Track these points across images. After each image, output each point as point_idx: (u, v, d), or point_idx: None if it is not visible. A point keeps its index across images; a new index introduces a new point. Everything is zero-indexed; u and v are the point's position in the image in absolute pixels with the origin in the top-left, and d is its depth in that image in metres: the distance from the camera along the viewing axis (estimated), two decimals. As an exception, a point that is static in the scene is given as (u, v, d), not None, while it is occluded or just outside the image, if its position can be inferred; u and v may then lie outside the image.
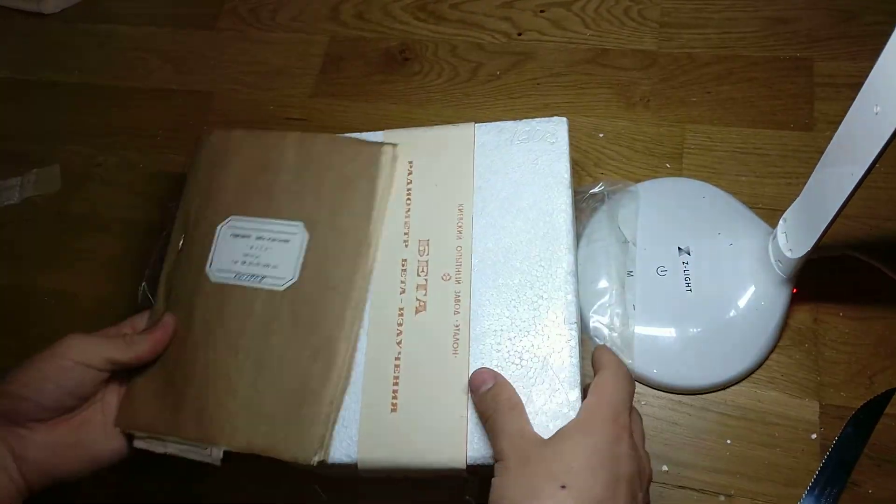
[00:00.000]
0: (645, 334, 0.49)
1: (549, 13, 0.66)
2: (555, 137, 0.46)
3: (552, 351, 0.40)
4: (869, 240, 0.52)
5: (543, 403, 0.39)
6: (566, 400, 0.39)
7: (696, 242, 0.51)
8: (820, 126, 0.57)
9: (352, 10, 0.70)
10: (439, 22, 0.68)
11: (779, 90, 0.59)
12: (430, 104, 0.63)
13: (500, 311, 0.42)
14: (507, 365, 0.40)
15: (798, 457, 0.46)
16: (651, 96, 0.60)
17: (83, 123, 0.68)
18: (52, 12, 0.75)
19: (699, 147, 0.58)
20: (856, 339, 0.49)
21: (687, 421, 0.48)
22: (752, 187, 0.55)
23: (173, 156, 0.64)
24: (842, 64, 0.59)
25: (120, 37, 0.72)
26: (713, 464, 0.47)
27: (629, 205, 0.53)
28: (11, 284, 0.61)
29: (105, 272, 0.60)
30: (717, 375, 0.48)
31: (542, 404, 0.39)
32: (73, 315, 0.58)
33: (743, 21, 0.62)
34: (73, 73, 0.71)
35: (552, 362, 0.40)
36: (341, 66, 0.67)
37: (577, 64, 0.63)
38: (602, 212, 0.53)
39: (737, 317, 0.49)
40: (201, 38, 0.71)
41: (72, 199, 0.64)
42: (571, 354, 0.40)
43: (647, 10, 0.65)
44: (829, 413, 0.47)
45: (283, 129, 0.64)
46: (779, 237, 0.46)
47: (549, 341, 0.41)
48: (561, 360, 0.40)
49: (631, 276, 0.51)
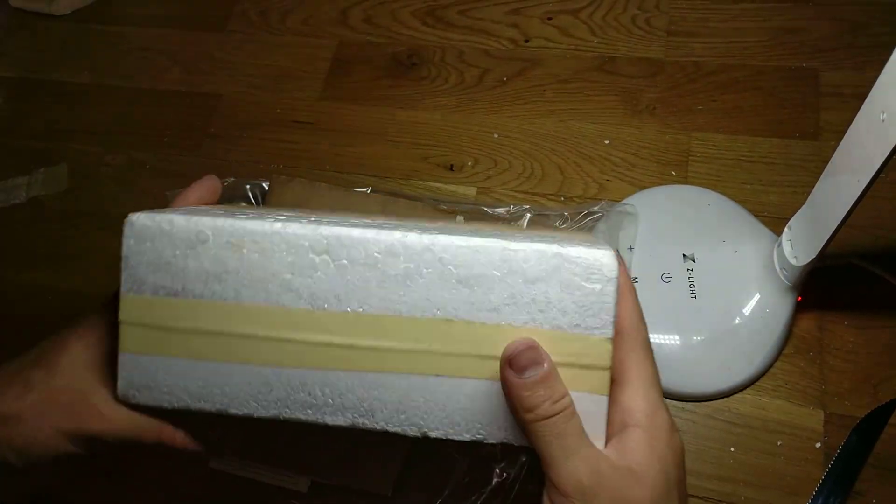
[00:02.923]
0: (649, 340, 0.49)
1: (557, 20, 0.67)
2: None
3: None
4: (874, 249, 0.52)
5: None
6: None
7: (701, 250, 0.51)
8: (825, 135, 0.57)
9: (360, 14, 0.70)
10: (447, 28, 0.68)
11: (785, 99, 0.59)
12: (437, 109, 0.64)
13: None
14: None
15: (802, 465, 0.46)
16: (657, 104, 0.61)
17: (92, 123, 0.68)
18: (64, 13, 0.75)
19: (705, 155, 0.58)
20: (861, 348, 0.49)
21: (691, 428, 0.48)
22: (757, 195, 0.55)
23: (180, 156, 0.65)
24: (848, 74, 0.59)
25: (130, 38, 0.73)
26: (717, 471, 0.47)
27: (627, 227, 0.53)
28: (16, 282, 0.61)
29: (111, 272, 0.60)
30: (721, 383, 0.48)
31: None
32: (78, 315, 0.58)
33: (750, 31, 0.63)
34: (83, 74, 0.71)
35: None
36: (349, 71, 0.67)
37: (583, 71, 0.63)
38: (599, 232, 0.53)
39: (741, 324, 0.49)
40: (211, 41, 0.71)
41: (79, 199, 0.64)
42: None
43: (655, 18, 0.65)
44: (834, 422, 0.47)
45: (289, 131, 0.64)
46: (784, 245, 0.46)
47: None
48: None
49: (636, 283, 0.51)
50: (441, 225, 0.34)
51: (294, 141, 0.64)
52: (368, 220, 0.34)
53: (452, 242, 0.30)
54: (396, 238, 0.31)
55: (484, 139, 0.61)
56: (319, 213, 0.38)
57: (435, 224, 0.35)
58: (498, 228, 0.37)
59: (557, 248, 0.30)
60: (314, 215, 0.35)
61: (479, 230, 0.33)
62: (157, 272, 0.33)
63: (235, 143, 0.65)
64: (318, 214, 0.36)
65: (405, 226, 0.32)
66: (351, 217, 0.35)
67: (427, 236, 0.30)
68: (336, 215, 0.36)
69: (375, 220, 0.35)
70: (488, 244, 0.30)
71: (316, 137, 0.64)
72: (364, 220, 0.34)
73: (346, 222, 0.32)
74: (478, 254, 0.30)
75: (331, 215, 0.36)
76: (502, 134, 0.61)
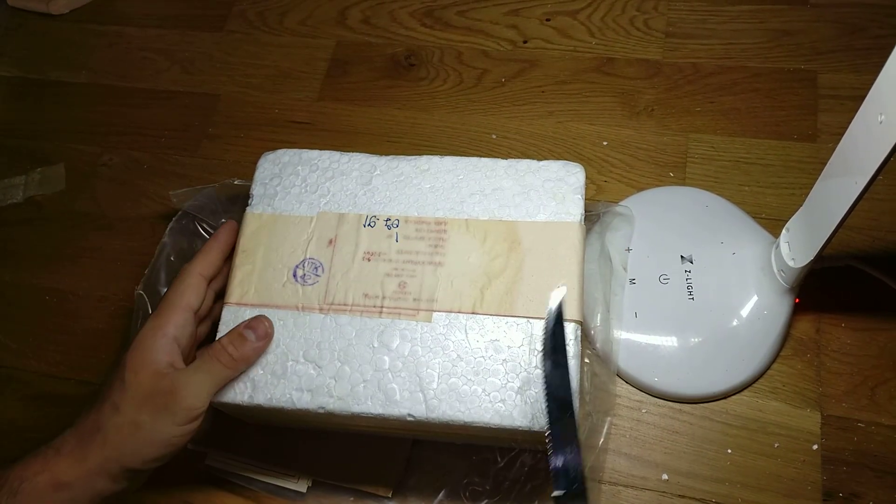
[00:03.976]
0: (647, 342, 0.49)
1: (556, 22, 0.67)
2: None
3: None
4: (872, 251, 0.52)
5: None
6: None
7: (699, 251, 0.51)
8: (823, 137, 0.57)
9: (359, 15, 0.70)
10: (445, 28, 0.68)
11: (782, 101, 0.59)
12: (435, 110, 0.64)
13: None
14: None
15: (799, 467, 0.46)
16: (655, 105, 0.61)
17: (89, 123, 0.68)
18: (62, 13, 0.75)
19: (702, 157, 0.58)
20: (858, 350, 0.49)
21: (688, 430, 0.48)
22: (755, 197, 0.55)
23: (179, 156, 0.65)
24: (846, 76, 0.59)
25: (128, 38, 0.73)
26: (714, 473, 0.47)
27: (622, 227, 0.53)
28: (14, 283, 0.61)
29: (109, 272, 0.60)
30: (718, 384, 0.48)
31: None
32: (76, 314, 0.58)
33: (748, 32, 0.63)
34: (81, 73, 0.71)
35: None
36: (347, 71, 0.67)
37: (582, 72, 0.63)
38: (594, 233, 0.53)
39: (739, 326, 0.48)
40: (209, 40, 0.71)
41: (76, 199, 0.64)
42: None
43: (653, 20, 0.65)
44: (831, 424, 0.47)
45: (287, 132, 0.64)
46: (782, 247, 0.46)
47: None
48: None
49: (633, 284, 0.51)
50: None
51: (292, 141, 0.64)
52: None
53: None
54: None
55: (482, 140, 0.61)
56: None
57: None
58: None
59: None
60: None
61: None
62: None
63: (233, 143, 0.65)
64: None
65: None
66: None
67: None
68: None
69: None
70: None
71: (314, 138, 0.64)
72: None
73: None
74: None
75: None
76: (500, 135, 0.61)
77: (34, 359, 0.57)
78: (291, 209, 0.48)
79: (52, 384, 0.56)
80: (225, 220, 0.54)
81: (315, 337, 0.43)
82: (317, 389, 0.42)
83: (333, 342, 0.43)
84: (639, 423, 0.49)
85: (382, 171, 0.49)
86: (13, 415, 0.55)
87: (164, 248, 0.53)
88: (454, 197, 0.47)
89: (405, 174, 0.48)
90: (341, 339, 0.43)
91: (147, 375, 0.40)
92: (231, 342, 0.42)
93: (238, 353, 0.41)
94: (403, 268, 0.45)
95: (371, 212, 0.47)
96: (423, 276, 0.44)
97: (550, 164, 0.48)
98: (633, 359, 0.49)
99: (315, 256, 0.46)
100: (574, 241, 0.45)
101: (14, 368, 0.57)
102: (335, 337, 0.43)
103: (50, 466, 0.38)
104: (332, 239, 0.46)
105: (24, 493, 0.37)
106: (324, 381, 0.42)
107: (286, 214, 0.47)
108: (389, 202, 0.47)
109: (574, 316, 0.42)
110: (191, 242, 0.54)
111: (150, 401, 0.39)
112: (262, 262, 0.46)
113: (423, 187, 0.48)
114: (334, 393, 0.42)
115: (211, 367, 0.41)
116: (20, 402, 0.55)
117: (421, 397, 0.41)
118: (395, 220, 0.46)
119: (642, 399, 0.49)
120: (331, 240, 0.46)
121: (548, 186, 0.47)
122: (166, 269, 0.53)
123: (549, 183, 0.47)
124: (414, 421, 0.41)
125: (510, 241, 0.45)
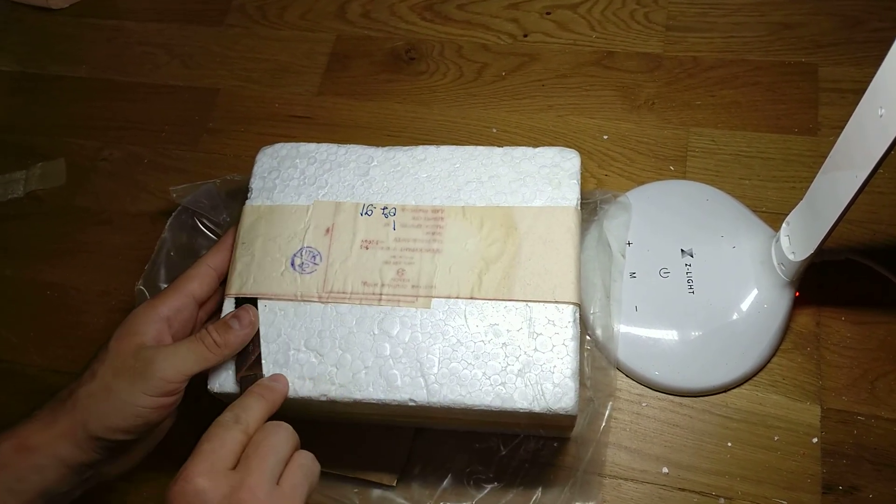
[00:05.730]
0: (647, 336, 0.49)
1: (556, 15, 0.66)
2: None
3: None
4: (872, 244, 0.52)
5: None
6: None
7: (699, 245, 0.51)
8: (824, 131, 0.57)
9: (359, 9, 0.70)
10: (445, 22, 0.68)
11: (783, 95, 0.59)
12: (435, 104, 0.64)
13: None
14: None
15: (799, 461, 0.46)
16: (656, 99, 0.61)
17: (89, 117, 0.68)
18: (61, 7, 0.75)
19: (703, 150, 0.58)
20: (858, 344, 0.49)
21: (688, 423, 0.48)
22: (755, 191, 0.55)
23: (178, 151, 0.65)
24: (847, 69, 0.59)
25: (127, 32, 0.73)
26: (714, 466, 0.47)
27: (619, 215, 0.53)
28: (14, 277, 0.61)
29: (109, 266, 0.60)
30: (718, 378, 0.48)
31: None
32: (76, 309, 0.58)
33: (749, 25, 0.63)
34: (81, 68, 0.71)
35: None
36: (347, 65, 0.67)
37: (582, 66, 0.63)
38: (593, 222, 0.53)
39: (739, 319, 0.49)
40: (209, 35, 0.71)
41: (76, 193, 0.64)
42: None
43: (653, 13, 0.65)
44: (831, 417, 0.47)
45: (287, 126, 0.64)
46: (782, 240, 0.46)
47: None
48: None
49: (634, 277, 0.51)
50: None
51: (292, 135, 0.64)
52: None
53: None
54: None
55: (482, 134, 0.61)
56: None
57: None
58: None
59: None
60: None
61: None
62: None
63: (233, 137, 0.65)
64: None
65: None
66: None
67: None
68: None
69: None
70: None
71: (314, 132, 0.64)
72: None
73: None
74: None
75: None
76: (501, 128, 0.61)
77: (35, 353, 0.57)
78: (290, 201, 0.48)
79: (53, 378, 0.56)
80: (225, 216, 0.54)
81: (316, 326, 0.44)
82: (319, 377, 0.42)
83: (334, 330, 0.43)
84: (639, 417, 0.49)
85: (380, 162, 0.49)
86: (14, 409, 0.55)
87: (164, 243, 0.54)
88: (451, 185, 0.47)
89: (402, 164, 0.48)
90: (342, 328, 0.43)
91: (129, 345, 0.40)
92: (216, 329, 0.42)
93: (221, 339, 0.42)
94: (401, 255, 0.45)
95: (368, 201, 0.47)
96: (421, 263, 0.45)
97: (546, 151, 0.48)
98: (633, 352, 0.49)
99: (312, 245, 0.46)
100: (570, 225, 0.45)
101: (15, 363, 0.57)
102: (336, 325, 0.43)
103: (18, 431, 0.38)
104: (329, 228, 0.46)
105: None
106: (325, 368, 0.42)
107: (283, 205, 0.48)
108: (387, 192, 0.47)
109: (571, 298, 0.42)
110: (191, 238, 0.54)
111: (127, 369, 0.39)
112: (260, 251, 0.46)
113: (419, 177, 0.48)
114: (336, 380, 0.42)
115: (193, 347, 0.41)
116: (21, 396, 0.55)
117: (422, 382, 0.41)
118: (393, 209, 0.46)
119: (643, 392, 0.49)
120: (328, 228, 0.46)
121: (544, 172, 0.47)
122: (166, 265, 0.53)
123: (544, 169, 0.47)
124: (416, 406, 0.41)
125: (507, 227, 0.45)
